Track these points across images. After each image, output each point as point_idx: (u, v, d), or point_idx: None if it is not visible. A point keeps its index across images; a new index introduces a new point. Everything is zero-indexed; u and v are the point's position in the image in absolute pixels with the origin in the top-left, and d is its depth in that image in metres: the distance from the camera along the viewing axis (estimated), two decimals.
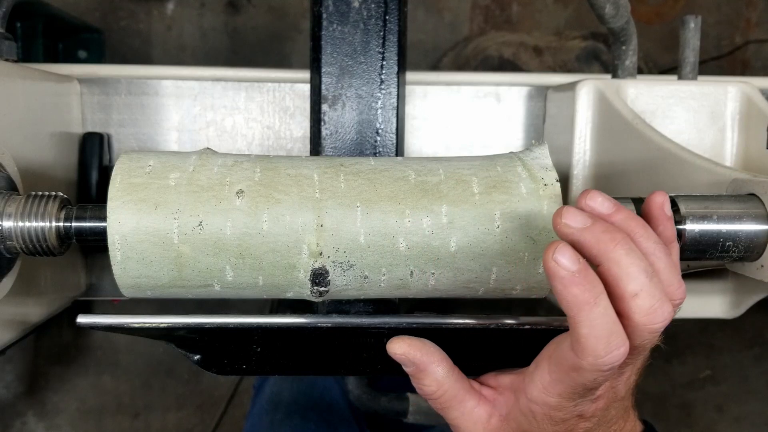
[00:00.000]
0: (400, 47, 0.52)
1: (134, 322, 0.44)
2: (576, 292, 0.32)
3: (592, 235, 0.34)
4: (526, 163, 0.41)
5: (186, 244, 0.38)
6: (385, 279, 0.40)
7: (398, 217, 0.39)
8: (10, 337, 0.52)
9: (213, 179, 0.39)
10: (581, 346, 0.33)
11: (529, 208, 0.39)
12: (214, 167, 0.40)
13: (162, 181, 0.39)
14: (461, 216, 0.39)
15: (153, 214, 0.38)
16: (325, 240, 0.39)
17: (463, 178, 0.40)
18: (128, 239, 0.38)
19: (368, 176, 0.40)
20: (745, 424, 1.50)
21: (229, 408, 1.45)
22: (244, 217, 0.38)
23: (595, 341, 0.33)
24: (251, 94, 0.68)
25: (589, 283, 0.33)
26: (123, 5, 1.40)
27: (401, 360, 0.41)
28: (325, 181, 0.40)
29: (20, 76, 0.53)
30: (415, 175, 0.40)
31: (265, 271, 0.39)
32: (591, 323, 0.33)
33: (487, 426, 0.41)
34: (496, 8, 1.47)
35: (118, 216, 0.38)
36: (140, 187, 0.39)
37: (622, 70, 0.60)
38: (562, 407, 0.37)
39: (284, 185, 0.39)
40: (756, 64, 1.52)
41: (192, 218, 0.38)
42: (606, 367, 0.33)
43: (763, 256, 0.43)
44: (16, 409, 1.41)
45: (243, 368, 0.48)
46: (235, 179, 0.39)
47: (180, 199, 0.38)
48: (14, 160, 0.48)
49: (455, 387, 0.41)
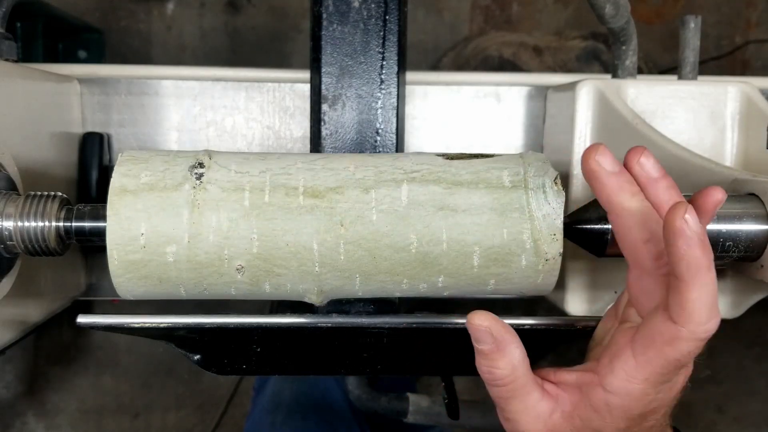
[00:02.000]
0: (400, 47, 0.52)
1: (134, 322, 0.44)
2: (698, 254, 0.32)
3: (617, 180, 0.36)
4: (536, 223, 0.39)
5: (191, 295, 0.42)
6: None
7: (395, 285, 0.41)
8: (10, 337, 0.52)
9: (211, 253, 0.39)
10: (687, 312, 0.33)
11: (523, 279, 0.41)
12: (209, 235, 0.39)
13: (160, 258, 0.39)
14: (456, 283, 0.41)
15: (159, 286, 0.40)
16: (325, 296, 0.42)
17: (465, 249, 0.39)
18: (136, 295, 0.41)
19: (368, 247, 0.39)
20: (745, 424, 1.50)
21: (229, 408, 1.45)
22: (248, 286, 0.40)
23: (702, 306, 0.33)
24: (251, 94, 0.68)
25: (708, 247, 0.33)
26: (123, 5, 1.40)
27: (480, 335, 0.38)
28: (325, 253, 0.39)
29: (20, 76, 0.53)
30: (417, 244, 0.39)
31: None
32: (704, 287, 0.33)
33: (548, 422, 0.39)
34: (496, 8, 1.47)
35: (126, 287, 0.40)
36: (140, 264, 0.39)
37: (622, 70, 0.60)
38: (645, 396, 0.36)
39: (283, 258, 0.39)
40: (756, 64, 1.51)
41: (197, 286, 0.40)
42: (705, 334, 0.33)
43: (763, 256, 0.43)
44: (16, 409, 1.41)
45: (243, 368, 0.48)
46: (233, 253, 0.39)
47: (182, 275, 0.39)
48: (14, 160, 0.48)
49: (526, 375, 0.39)
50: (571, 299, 0.58)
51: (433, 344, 0.48)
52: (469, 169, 0.40)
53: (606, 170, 0.37)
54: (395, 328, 0.46)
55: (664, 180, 0.37)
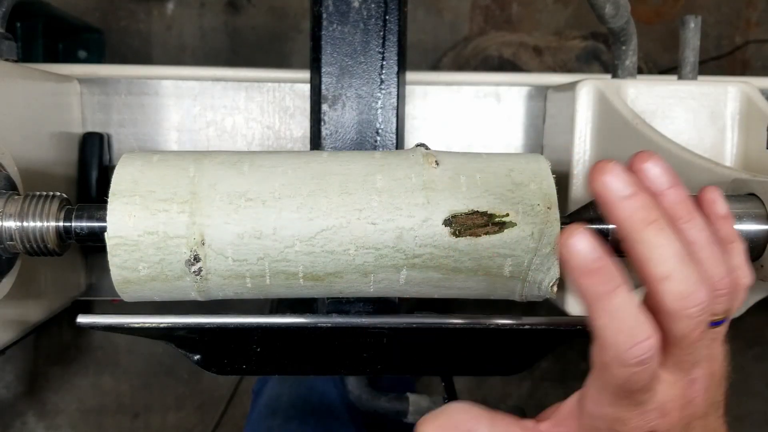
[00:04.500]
0: (400, 47, 0.52)
1: (134, 322, 0.44)
2: (592, 283, 0.30)
3: (629, 206, 0.31)
4: (521, 298, 0.41)
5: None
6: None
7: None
8: (10, 337, 0.52)
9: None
10: (601, 340, 0.31)
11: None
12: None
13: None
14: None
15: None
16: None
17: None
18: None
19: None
20: (745, 424, 1.50)
21: (229, 408, 1.45)
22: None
23: (615, 333, 0.30)
24: (251, 94, 0.68)
25: (607, 273, 0.30)
26: (123, 5, 1.40)
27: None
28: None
29: (20, 76, 0.53)
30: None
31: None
32: (610, 314, 0.30)
33: None
34: (496, 8, 1.47)
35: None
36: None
37: (622, 70, 0.60)
38: (624, 418, 0.33)
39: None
40: (756, 64, 1.51)
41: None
42: (632, 360, 0.30)
43: (763, 256, 0.43)
44: (16, 409, 1.41)
45: (243, 368, 0.48)
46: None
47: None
48: (14, 160, 0.48)
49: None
50: (570, 299, 0.58)
51: (433, 344, 0.48)
52: (473, 254, 0.39)
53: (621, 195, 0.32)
54: (395, 328, 0.46)
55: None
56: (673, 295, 0.30)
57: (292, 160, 0.40)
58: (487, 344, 0.48)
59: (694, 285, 0.30)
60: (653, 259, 0.30)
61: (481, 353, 0.48)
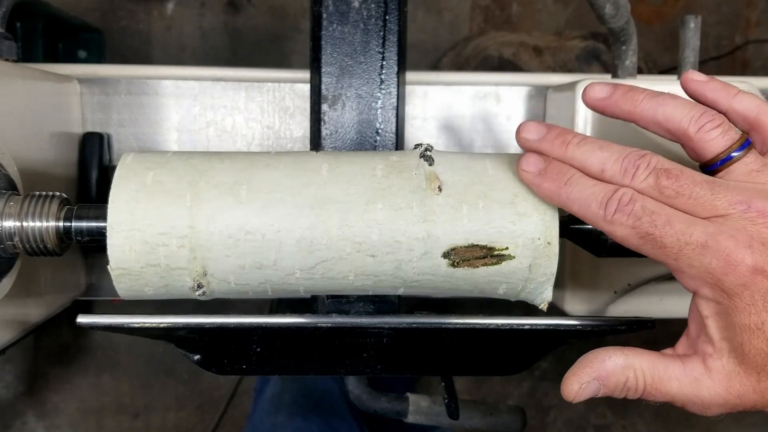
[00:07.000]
0: (400, 47, 0.52)
1: (134, 322, 0.44)
2: (548, 186, 0.37)
3: (548, 142, 0.38)
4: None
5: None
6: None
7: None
8: (10, 337, 0.52)
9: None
10: (588, 219, 0.36)
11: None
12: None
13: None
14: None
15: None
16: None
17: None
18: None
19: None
20: (745, 424, 1.50)
21: (229, 408, 1.45)
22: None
23: (587, 204, 0.35)
24: (251, 94, 0.68)
25: (556, 173, 0.37)
26: (123, 5, 1.40)
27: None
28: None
29: (20, 76, 0.53)
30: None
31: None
32: (574, 197, 0.36)
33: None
34: (496, 8, 1.47)
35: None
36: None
37: (622, 70, 0.60)
38: (708, 266, 0.35)
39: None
40: (756, 64, 1.52)
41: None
42: (612, 215, 0.35)
43: None
44: (16, 409, 1.41)
45: (243, 368, 0.48)
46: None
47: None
48: (14, 160, 0.48)
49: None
50: (570, 299, 0.58)
51: (433, 344, 0.48)
52: (470, 280, 0.40)
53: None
54: (395, 328, 0.46)
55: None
56: (616, 175, 0.36)
57: (290, 183, 0.39)
58: (487, 344, 0.48)
59: (627, 158, 0.37)
60: (586, 162, 0.37)
61: (481, 353, 0.48)
